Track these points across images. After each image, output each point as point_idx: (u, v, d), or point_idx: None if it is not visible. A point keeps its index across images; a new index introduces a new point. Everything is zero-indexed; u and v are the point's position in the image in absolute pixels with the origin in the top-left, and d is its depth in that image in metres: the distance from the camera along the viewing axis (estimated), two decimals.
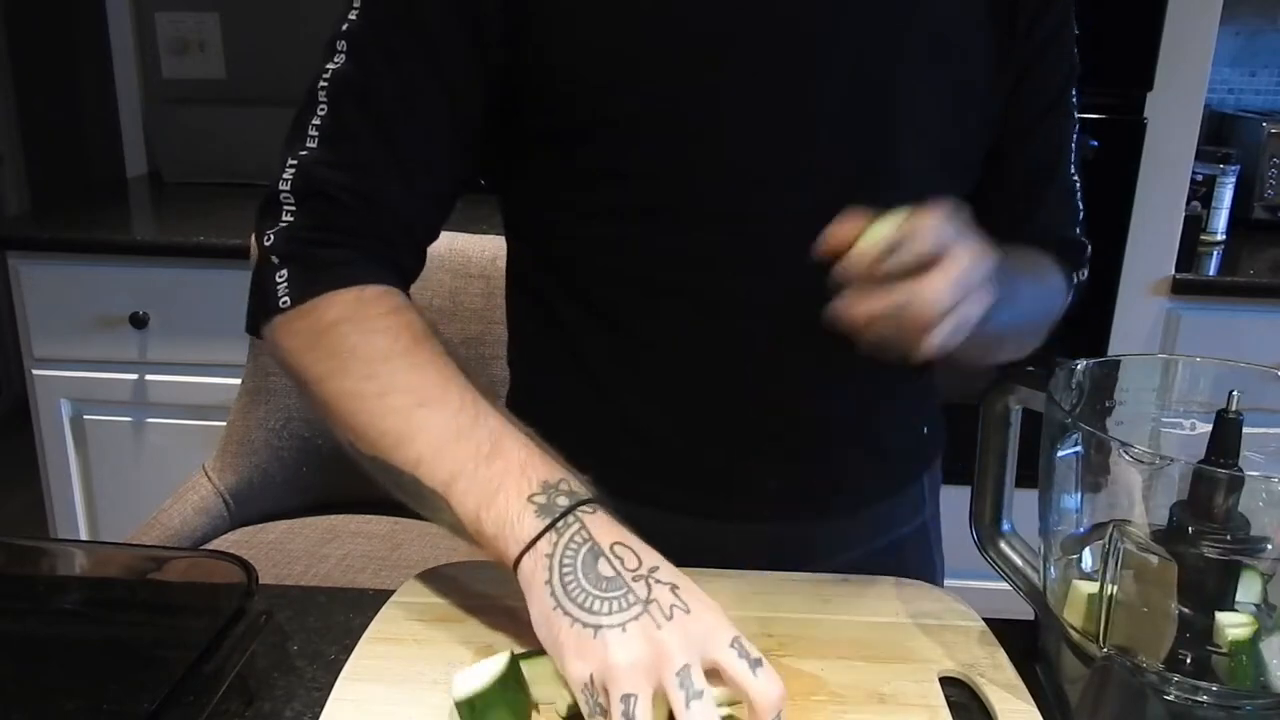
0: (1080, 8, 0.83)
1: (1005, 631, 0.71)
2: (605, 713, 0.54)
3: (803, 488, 0.83)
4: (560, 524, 0.60)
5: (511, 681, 0.59)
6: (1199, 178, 2.12)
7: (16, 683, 0.68)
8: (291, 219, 0.72)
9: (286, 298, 0.71)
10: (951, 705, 0.63)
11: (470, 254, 1.45)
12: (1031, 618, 0.72)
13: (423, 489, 0.65)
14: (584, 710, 0.55)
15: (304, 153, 0.72)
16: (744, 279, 0.77)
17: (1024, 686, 0.65)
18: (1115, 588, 0.59)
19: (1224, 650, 0.59)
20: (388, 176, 0.73)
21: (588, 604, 0.57)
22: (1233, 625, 0.58)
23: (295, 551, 1.39)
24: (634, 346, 0.81)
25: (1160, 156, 2.03)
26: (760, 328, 0.79)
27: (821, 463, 0.83)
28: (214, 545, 1.39)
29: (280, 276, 0.71)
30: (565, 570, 0.58)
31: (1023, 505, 0.73)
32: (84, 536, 2.07)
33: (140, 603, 0.78)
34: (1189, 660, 0.58)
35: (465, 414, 0.66)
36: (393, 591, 0.73)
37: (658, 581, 0.58)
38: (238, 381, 1.51)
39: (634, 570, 0.58)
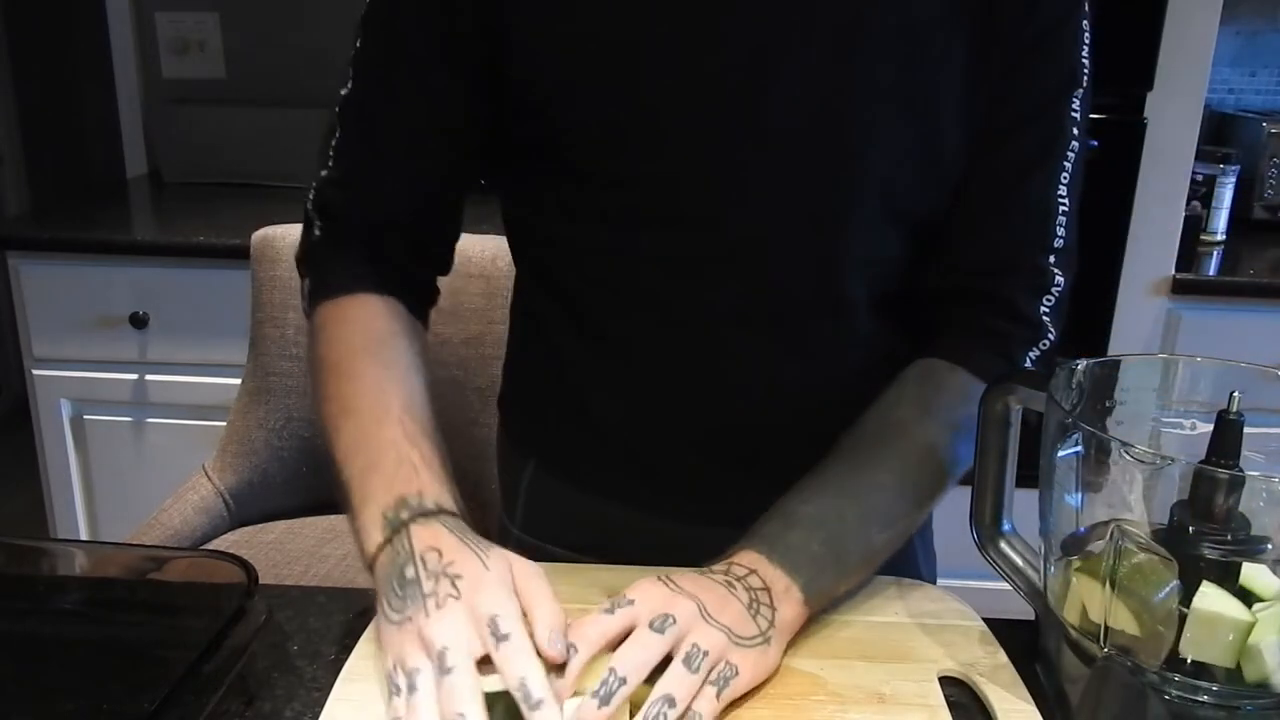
0: None
1: (1005, 631, 0.71)
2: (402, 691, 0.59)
3: (778, 492, 0.82)
4: (395, 538, 0.65)
5: None
6: (1199, 178, 2.12)
7: (16, 683, 0.68)
8: (317, 234, 0.81)
9: (306, 305, 0.81)
10: (951, 705, 0.64)
11: (470, 254, 1.45)
12: (1031, 618, 0.72)
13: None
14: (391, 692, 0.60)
15: (324, 173, 0.80)
16: (707, 285, 0.77)
17: (1024, 686, 0.66)
18: (1115, 588, 0.59)
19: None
20: (386, 191, 0.79)
21: (392, 604, 0.62)
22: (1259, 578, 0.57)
23: (295, 551, 1.39)
24: (607, 349, 0.82)
25: (1160, 156, 2.02)
26: (728, 334, 0.79)
27: (797, 468, 0.81)
28: (214, 545, 1.39)
29: (305, 288, 0.81)
30: (386, 578, 0.64)
31: (1023, 505, 0.73)
32: (84, 536, 2.07)
33: (140, 603, 0.78)
34: (1189, 660, 0.58)
35: (370, 425, 0.71)
36: None
37: (444, 575, 0.62)
38: (238, 381, 1.51)
39: (433, 570, 0.62)
